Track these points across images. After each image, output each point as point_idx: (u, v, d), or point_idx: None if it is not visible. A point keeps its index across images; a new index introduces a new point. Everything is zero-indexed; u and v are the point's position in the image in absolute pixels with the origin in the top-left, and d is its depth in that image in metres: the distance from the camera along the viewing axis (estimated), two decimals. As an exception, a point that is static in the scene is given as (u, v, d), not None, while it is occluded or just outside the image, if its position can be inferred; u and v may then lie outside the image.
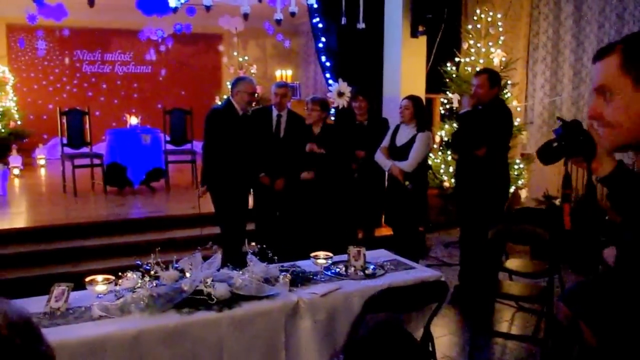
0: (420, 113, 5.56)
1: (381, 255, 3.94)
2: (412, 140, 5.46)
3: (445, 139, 7.78)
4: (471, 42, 7.61)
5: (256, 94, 5.57)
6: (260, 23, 11.10)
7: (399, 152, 5.54)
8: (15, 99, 10.85)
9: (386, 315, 3.33)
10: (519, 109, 8.16)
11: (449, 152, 7.70)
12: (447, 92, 7.75)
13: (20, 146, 10.29)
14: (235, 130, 5.36)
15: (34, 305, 2.83)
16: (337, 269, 3.51)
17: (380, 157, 5.66)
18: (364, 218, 6.40)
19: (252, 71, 11.99)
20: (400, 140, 5.57)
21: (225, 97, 6.64)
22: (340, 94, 7.12)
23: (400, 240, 5.67)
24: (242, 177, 5.47)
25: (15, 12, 9.02)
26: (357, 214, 6.21)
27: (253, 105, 5.64)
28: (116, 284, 3.05)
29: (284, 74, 12.37)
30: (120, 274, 3.09)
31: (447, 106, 7.89)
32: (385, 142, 5.71)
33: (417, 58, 7.55)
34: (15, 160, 9.69)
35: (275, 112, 6.01)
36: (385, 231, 6.63)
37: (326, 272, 3.47)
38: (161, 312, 2.79)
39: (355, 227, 6.36)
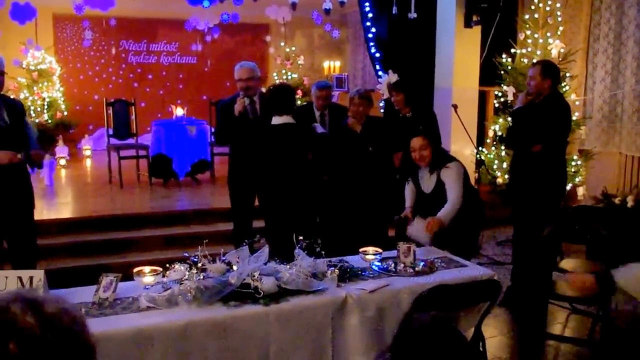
0: (437, 151, 4.59)
1: (432, 252, 3.94)
2: (439, 182, 4.50)
3: (499, 133, 7.69)
4: (528, 32, 7.50)
5: (252, 79, 5.40)
6: (309, 13, 11.15)
7: (431, 200, 4.53)
8: (62, 89, 11.15)
9: (436, 314, 3.33)
10: (577, 102, 8.02)
11: (502, 147, 7.62)
12: (502, 85, 7.67)
13: (66, 137, 10.56)
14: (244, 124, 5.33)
15: (82, 295, 2.93)
16: (386, 265, 3.52)
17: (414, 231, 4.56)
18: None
19: (299, 62, 12.06)
20: (428, 186, 4.59)
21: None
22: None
23: (451, 238, 5.62)
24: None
25: (62, 2, 9.25)
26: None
27: (249, 92, 5.35)
28: (164, 276, 3.12)
29: (331, 65, 12.39)
30: (167, 265, 3.17)
31: (502, 99, 7.80)
32: (408, 199, 4.75)
33: (471, 49, 7.49)
34: (61, 150, 9.95)
35: (317, 113, 6.03)
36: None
37: (375, 268, 3.49)
38: (208, 305, 2.84)
39: (386, 224, 6.20)
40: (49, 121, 10.11)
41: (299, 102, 9.49)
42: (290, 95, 4.75)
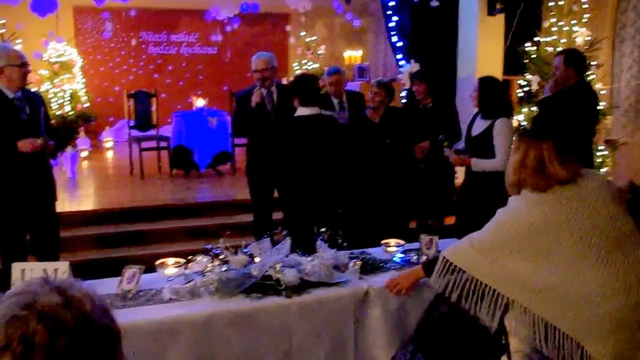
0: (486, 97, 4.91)
1: (453, 243, 3.93)
2: (487, 131, 4.88)
3: (524, 123, 7.64)
4: (552, 20, 7.42)
5: (268, 69, 5.37)
6: (329, 2, 11.14)
7: (474, 144, 4.97)
8: (84, 81, 11.25)
9: (458, 306, 3.32)
10: (603, 91, 7.94)
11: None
12: (526, 74, 7.61)
13: (87, 129, 10.66)
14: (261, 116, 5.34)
15: (106, 286, 2.97)
16: (409, 257, 3.53)
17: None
18: (434, 206, 6.37)
19: (319, 52, 12.04)
20: (476, 130, 5.04)
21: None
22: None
23: (470, 229, 5.60)
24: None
25: (83, -7, 9.34)
26: (423, 203, 6.17)
27: (266, 83, 5.35)
28: (186, 268, 3.16)
29: (352, 54, 12.36)
30: (190, 257, 3.20)
31: (526, 89, 7.74)
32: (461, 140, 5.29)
33: (494, 37, 7.45)
34: (83, 142, 10.06)
35: (335, 100, 6.02)
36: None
37: (397, 260, 3.50)
38: (230, 297, 2.88)
39: (408, 218, 6.25)
40: (71, 113, 10.20)
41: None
42: (317, 85, 4.69)
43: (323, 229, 3.36)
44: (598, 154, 7.39)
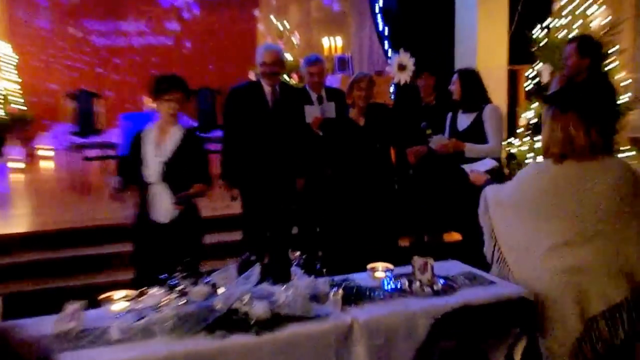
0: (470, 90, 5.47)
1: (453, 266, 3.96)
2: (477, 122, 5.42)
3: (534, 121, 7.69)
4: (564, 1, 7.50)
5: (278, 63, 5.49)
6: (304, -19, 11.17)
7: (464, 139, 5.45)
8: (19, 80, 11.12)
9: (460, 342, 3.34)
10: (626, 81, 8.01)
11: (537, 138, 7.62)
12: (535, 64, 7.67)
13: (19, 135, 10.58)
14: (262, 114, 5.47)
15: (41, 325, 2.96)
16: (399, 284, 3.55)
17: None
18: (428, 221, 6.40)
19: (293, 40, 12.05)
20: (462, 124, 5.55)
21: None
22: (402, 67, 7.13)
23: (473, 248, 5.62)
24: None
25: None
26: (417, 217, 6.20)
27: (273, 79, 5.53)
28: (137, 302, 3.14)
29: (332, 43, 12.38)
30: (142, 289, 3.19)
31: (535, 81, 7.80)
32: (445, 135, 5.71)
33: (497, 22, 7.50)
34: (14, 151, 9.97)
35: (314, 95, 6.05)
36: (455, 237, 6.61)
37: (386, 288, 3.52)
38: (190, 335, 2.87)
39: (398, 234, 6.30)
40: (6, 116, 10.12)
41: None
42: None
43: (298, 252, 3.36)
44: (622, 155, 7.45)
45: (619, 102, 6.08)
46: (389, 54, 7.98)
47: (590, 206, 3.36)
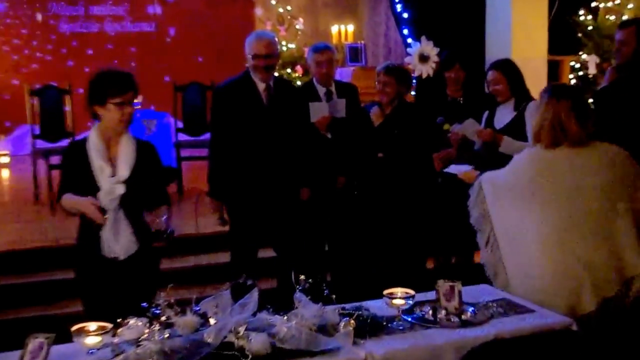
0: (517, 83, 5.58)
1: (484, 292, 3.96)
2: (518, 119, 5.47)
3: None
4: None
5: (273, 55, 5.48)
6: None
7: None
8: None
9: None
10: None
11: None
12: (581, 53, 7.69)
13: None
14: (256, 114, 5.45)
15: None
16: (422, 313, 3.55)
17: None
18: (456, 238, 6.39)
19: (297, 27, 12.05)
20: (501, 121, 5.62)
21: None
22: (424, 58, 7.14)
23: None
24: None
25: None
26: (444, 235, 6.19)
27: (269, 72, 5.45)
28: (114, 334, 3.13)
29: (342, 29, 12.40)
30: (119, 320, 3.19)
31: (581, 73, 7.82)
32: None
33: (535, 6, 7.51)
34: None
35: (322, 89, 6.07)
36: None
37: (406, 317, 3.52)
38: (176, 374, 2.89)
39: (426, 255, 6.31)
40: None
41: (299, 83, 9.52)
42: None
43: (302, 276, 3.37)
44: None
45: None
46: (409, 42, 7.98)
47: (584, 192, 3.84)
